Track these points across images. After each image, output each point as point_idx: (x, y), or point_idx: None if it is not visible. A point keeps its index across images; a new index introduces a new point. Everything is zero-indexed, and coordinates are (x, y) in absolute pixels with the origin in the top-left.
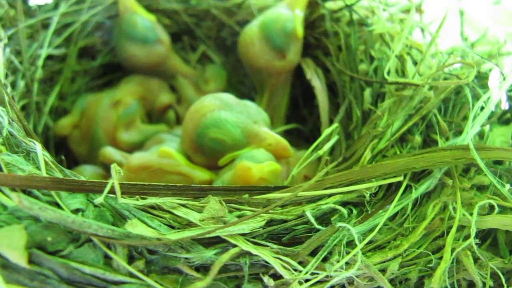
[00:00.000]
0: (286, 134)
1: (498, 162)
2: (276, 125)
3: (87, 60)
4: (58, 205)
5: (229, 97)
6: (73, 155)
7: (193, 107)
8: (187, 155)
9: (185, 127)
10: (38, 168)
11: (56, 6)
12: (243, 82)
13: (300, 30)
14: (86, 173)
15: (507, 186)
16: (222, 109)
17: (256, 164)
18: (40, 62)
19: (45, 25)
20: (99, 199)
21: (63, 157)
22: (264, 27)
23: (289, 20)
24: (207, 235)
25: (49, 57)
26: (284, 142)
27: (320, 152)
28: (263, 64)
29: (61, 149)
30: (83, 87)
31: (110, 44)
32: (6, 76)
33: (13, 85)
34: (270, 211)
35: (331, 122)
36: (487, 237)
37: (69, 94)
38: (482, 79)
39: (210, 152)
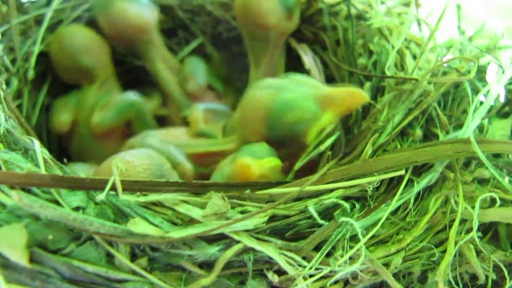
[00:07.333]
0: None
1: (497, 155)
2: None
3: None
4: (58, 203)
5: (274, 80)
6: (64, 154)
7: (249, 101)
8: None
9: (249, 124)
10: (37, 165)
11: (48, 2)
12: (240, 78)
13: None
14: (78, 171)
15: (507, 178)
16: (281, 92)
17: (256, 160)
18: (33, 59)
19: (38, 22)
20: (101, 196)
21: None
22: None
23: None
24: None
25: (42, 54)
26: (353, 88)
27: (322, 147)
28: (273, 22)
29: (52, 146)
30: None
31: None
32: (0, 73)
33: (7, 83)
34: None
35: None
36: (488, 230)
37: (60, 91)
38: (480, 72)
39: (290, 135)
